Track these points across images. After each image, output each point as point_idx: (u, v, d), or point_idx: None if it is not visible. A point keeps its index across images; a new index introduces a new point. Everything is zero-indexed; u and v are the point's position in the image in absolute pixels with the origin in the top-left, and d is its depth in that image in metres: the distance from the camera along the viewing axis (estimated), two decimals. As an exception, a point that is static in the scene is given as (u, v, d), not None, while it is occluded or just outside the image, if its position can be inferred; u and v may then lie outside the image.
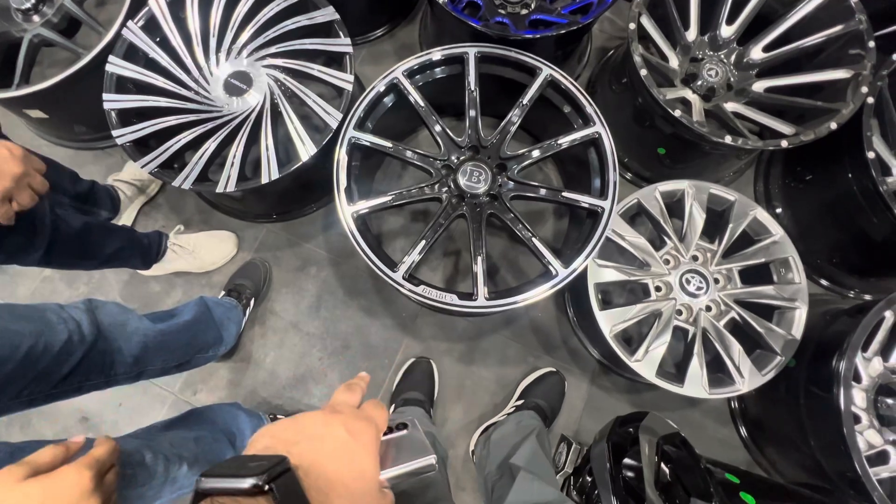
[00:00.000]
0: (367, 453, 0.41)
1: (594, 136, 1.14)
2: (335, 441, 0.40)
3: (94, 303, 0.84)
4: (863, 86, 1.14)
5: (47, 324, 0.71)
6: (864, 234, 1.27)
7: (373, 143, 1.15)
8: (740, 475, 0.78)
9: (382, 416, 0.46)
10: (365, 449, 0.41)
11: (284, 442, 0.39)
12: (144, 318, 0.93)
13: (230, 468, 0.36)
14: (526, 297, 1.06)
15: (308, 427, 0.41)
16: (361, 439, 0.41)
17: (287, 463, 0.36)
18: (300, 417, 0.42)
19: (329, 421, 0.41)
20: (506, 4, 1.41)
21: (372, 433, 0.43)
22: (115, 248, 1.20)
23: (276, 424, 0.41)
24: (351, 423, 0.42)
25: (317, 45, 1.24)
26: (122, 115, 1.22)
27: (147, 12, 1.26)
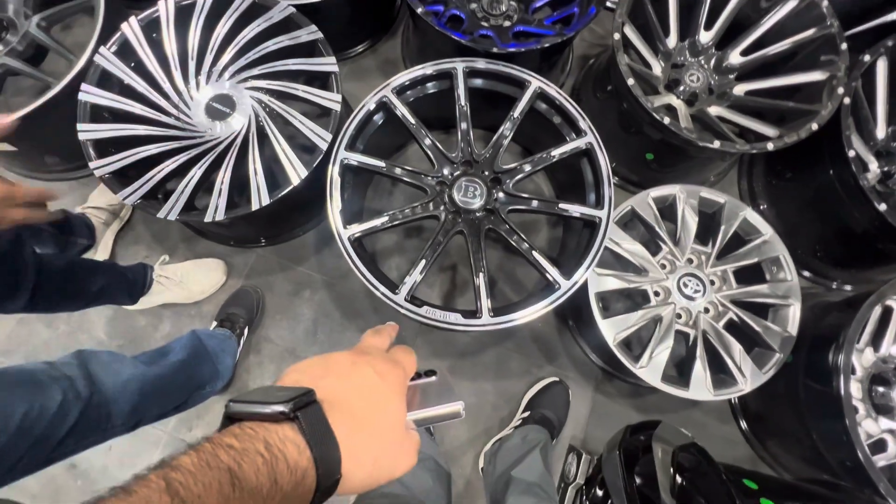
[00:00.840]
0: (393, 393, 0.41)
1: (586, 147, 1.15)
2: (362, 379, 0.41)
3: (84, 354, 0.79)
4: (839, 87, 1.18)
5: (39, 386, 0.67)
6: (846, 227, 1.31)
7: (366, 164, 1.13)
8: (757, 480, 0.79)
9: (411, 361, 0.46)
10: (391, 389, 0.41)
11: (312, 377, 0.40)
12: (138, 363, 0.89)
13: (258, 395, 0.36)
14: (530, 311, 1.05)
15: (336, 365, 0.41)
16: (388, 380, 0.42)
17: (313, 395, 0.37)
18: (329, 356, 0.43)
19: (357, 361, 0.42)
20: (488, 17, 1.41)
21: (399, 375, 0.43)
22: (100, 285, 1.15)
23: (305, 361, 0.42)
24: (379, 364, 0.42)
25: (302, 65, 1.21)
26: (98, 146, 1.16)
27: (120, 37, 1.21)
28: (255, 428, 0.34)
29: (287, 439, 0.34)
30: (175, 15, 1.23)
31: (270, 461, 0.32)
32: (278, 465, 0.32)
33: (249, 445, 0.33)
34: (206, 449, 0.32)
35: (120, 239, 1.46)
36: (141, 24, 1.22)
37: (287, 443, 0.34)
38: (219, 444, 0.32)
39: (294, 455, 0.33)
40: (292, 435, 0.34)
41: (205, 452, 0.32)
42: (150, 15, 1.23)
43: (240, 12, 1.23)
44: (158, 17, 1.23)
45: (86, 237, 1.32)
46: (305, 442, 0.34)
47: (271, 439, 0.33)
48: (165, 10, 1.23)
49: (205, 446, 0.32)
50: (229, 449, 0.32)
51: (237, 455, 0.32)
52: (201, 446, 0.32)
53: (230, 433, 0.33)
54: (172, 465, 0.30)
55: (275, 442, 0.33)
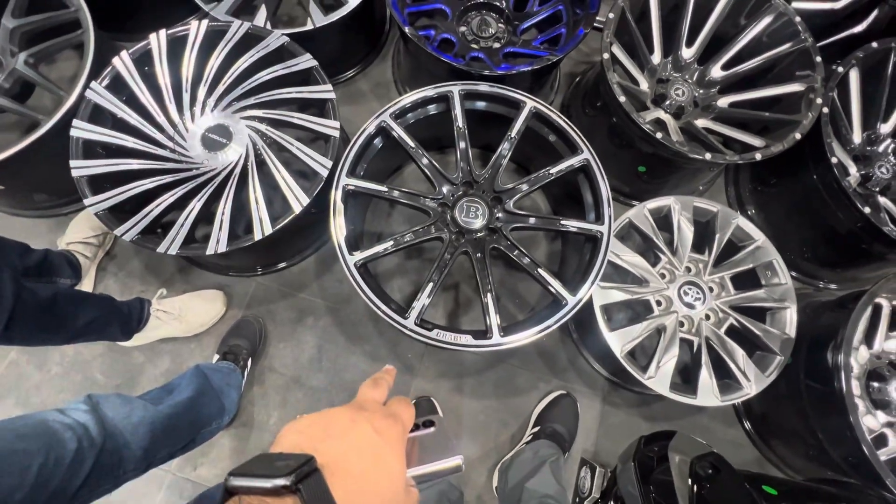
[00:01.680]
0: (393, 452, 0.41)
1: (584, 163, 1.17)
2: (361, 439, 0.40)
3: (94, 399, 0.77)
4: (817, 98, 1.24)
5: (53, 435, 0.64)
6: (831, 229, 1.37)
7: (368, 189, 1.14)
8: (776, 485, 0.80)
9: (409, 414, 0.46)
10: (391, 447, 0.41)
11: (311, 439, 0.39)
12: (148, 404, 0.86)
13: (258, 467, 0.36)
14: (540, 329, 1.06)
15: (334, 424, 0.41)
16: (388, 437, 0.41)
17: (314, 463, 0.36)
18: (326, 414, 0.42)
19: (355, 418, 0.41)
20: (478, 39, 1.44)
21: (398, 431, 0.43)
22: (89, 318, 1.09)
23: (302, 420, 0.41)
24: (377, 421, 0.42)
25: (300, 94, 1.21)
26: (93, 182, 1.14)
27: (111, 71, 1.20)
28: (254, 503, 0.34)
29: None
30: (167, 47, 1.22)
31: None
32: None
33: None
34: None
35: (113, 274, 1.42)
36: (133, 57, 1.21)
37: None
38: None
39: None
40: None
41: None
42: (143, 48, 1.22)
43: (233, 43, 1.24)
44: (150, 51, 1.22)
45: (68, 276, 1.26)
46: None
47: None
48: (157, 43, 1.22)
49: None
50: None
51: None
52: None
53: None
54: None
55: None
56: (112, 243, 1.44)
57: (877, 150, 1.42)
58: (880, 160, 1.40)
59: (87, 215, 1.37)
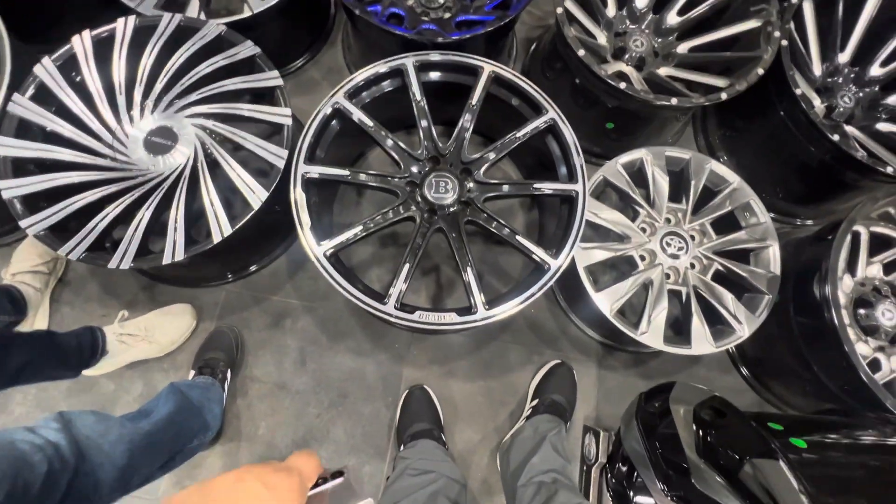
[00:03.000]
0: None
1: (550, 123, 1.13)
2: (249, 497, 0.38)
3: (66, 416, 0.69)
4: (775, 31, 1.22)
5: (21, 457, 0.57)
6: (802, 164, 1.36)
7: (329, 175, 1.07)
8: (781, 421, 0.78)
9: (311, 465, 0.44)
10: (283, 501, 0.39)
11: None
12: (125, 422, 0.79)
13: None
14: (525, 297, 1.02)
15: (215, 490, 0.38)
16: (280, 491, 0.39)
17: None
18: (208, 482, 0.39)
19: (242, 477, 0.39)
20: (428, 11, 1.39)
21: (294, 483, 0.40)
22: (21, 361, 0.97)
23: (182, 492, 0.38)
24: (268, 476, 0.39)
25: (243, 83, 1.14)
26: (27, 202, 1.05)
27: (34, 81, 1.10)
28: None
29: None
30: (93, 50, 1.13)
31: None
32: None
33: None
34: None
35: (68, 303, 1.33)
36: (57, 63, 1.12)
37: None
38: None
39: None
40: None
41: None
42: (66, 53, 1.13)
43: (165, 38, 1.15)
44: (75, 55, 1.13)
45: (8, 313, 1.16)
46: None
47: None
48: (82, 45, 1.13)
49: None
50: None
51: None
52: None
53: None
54: None
55: None
56: (64, 269, 1.34)
57: (837, 80, 1.42)
58: (842, 90, 1.40)
59: (33, 242, 1.28)
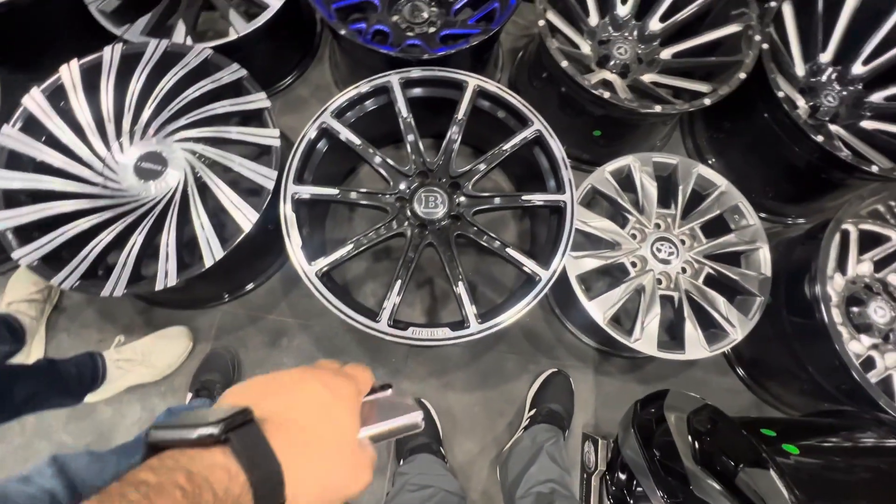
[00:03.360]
0: (344, 408, 0.39)
1: (536, 135, 1.14)
2: (310, 395, 0.38)
3: (60, 460, 0.68)
4: (755, 35, 1.24)
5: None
6: (789, 164, 1.37)
7: (318, 195, 1.08)
8: (774, 426, 0.79)
9: (365, 377, 0.44)
10: (343, 404, 0.39)
11: (252, 397, 0.36)
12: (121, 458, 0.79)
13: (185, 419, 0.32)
14: (517, 309, 1.03)
15: (280, 383, 0.38)
16: (339, 394, 0.39)
17: (249, 414, 0.33)
18: (274, 374, 0.39)
19: (304, 377, 0.39)
20: (412, 26, 1.40)
21: (351, 389, 0.40)
22: (26, 394, 0.98)
23: (245, 382, 0.38)
24: (329, 379, 0.39)
25: (230, 106, 1.15)
26: (20, 233, 1.06)
27: (23, 112, 1.11)
28: (177, 457, 0.30)
29: (216, 465, 0.30)
30: (81, 79, 1.14)
31: (192, 493, 0.28)
32: (202, 495, 0.29)
33: (167, 479, 0.28)
34: (113, 491, 0.27)
35: (65, 330, 1.33)
36: (45, 94, 1.13)
37: (215, 469, 0.30)
38: (129, 483, 0.28)
39: (223, 482, 0.30)
40: (222, 460, 0.31)
41: (110, 495, 0.27)
42: (54, 83, 1.14)
43: (152, 64, 1.16)
44: (63, 84, 1.14)
45: (6, 342, 1.16)
46: (239, 466, 0.31)
47: (195, 468, 0.29)
48: (70, 75, 1.14)
49: (111, 488, 0.28)
50: (141, 486, 0.28)
51: (150, 492, 0.27)
52: (107, 489, 0.28)
53: (147, 467, 0.29)
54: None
55: (199, 471, 0.29)
56: (60, 296, 1.35)
57: (820, 80, 1.43)
58: (825, 89, 1.41)
59: (27, 270, 1.28)
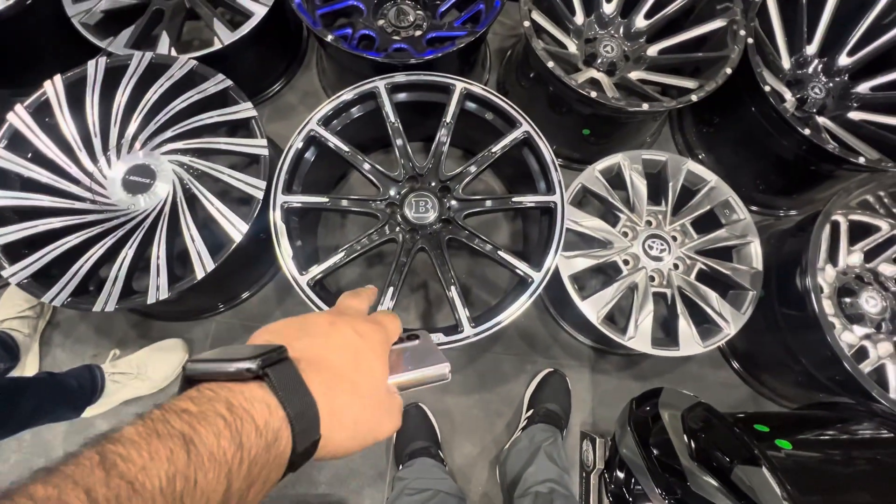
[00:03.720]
0: (375, 354, 0.39)
1: (525, 136, 1.14)
2: (342, 338, 0.38)
3: None
4: (740, 30, 1.24)
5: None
6: (778, 157, 1.38)
7: (308, 203, 1.08)
8: (767, 421, 0.79)
9: (395, 324, 0.44)
10: (373, 349, 0.39)
11: (286, 336, 0.36)
12: None
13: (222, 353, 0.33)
14: (510, 311, 1.03)
15: (313, 325, 0.38)
16: (370, 340, 0.39)
17: (285, 351, 0.33)
18: (304, 316, 0.40)
19: (335, 321, 0.39)
20: (398, 30, 1.40)
21: (381, 335, 0.41)
22: (32, 405, 1.00)
23: (277, 322, 0.38)
24: (359, 325, 0.39)
25: (216, 117, 1.15)
26: (8, 250, 1.05)
27: (8, 129, 1.11)
28: (215, 389, 0.30)
29: (255, 399, 0.30)
30: (66, 93, 1.14)
31: (234, 423, 0.29)
32: (244, 426, 0.29)
33: (208, 408, 0.29)
34: (155, 416, 0.28)
35: (59, 345, 1.32)
36: (29, 110, 1.12)
37: (255, 402, 0.30)
38: (171, 410, 0.28)
39: (264, 415, 0.30)
40: (261, 394, 0.31)
41: (153, 420, 0.27)
42: (38, 98, 1.13)
43: (137, 77, 1.16)
44: (48, 100, 1.13)
45: (2, 360, 1.17)
46: (277, 400, 0.31)
47: (235, 400, 0.30)
48: (54, 90, 1.14)
49: (153, 413, 0.28)
50: (183, 413, 0.28)
51: (193, 419, 0.28)
52: (150, 413, 0.28)
53: (186, 397, 0.30)
54: (112, 438, 0.26)
55: (239, 403, 0.30)
56: (52, 311, 1.34)
57: (807, 72, 1.43)
58: (812, 81, 1.42)
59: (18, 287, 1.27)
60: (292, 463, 0.32)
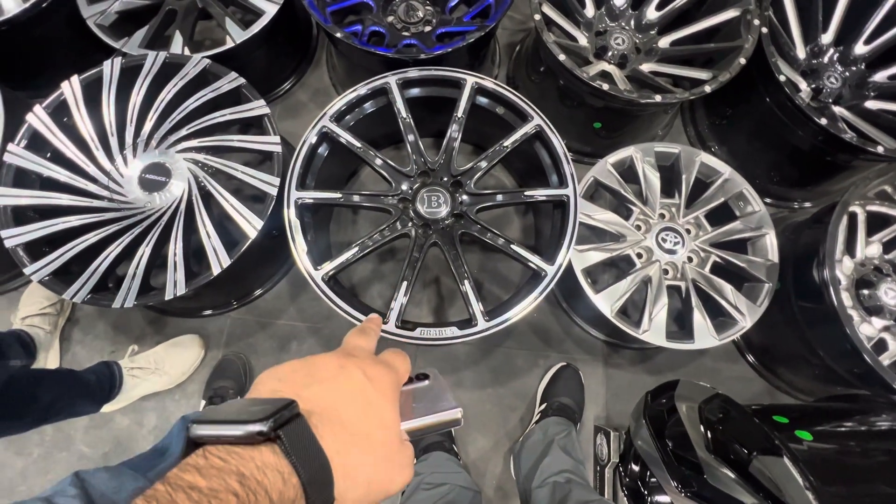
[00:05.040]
0: (386, 400, 0.37)
1: (536, 130, 1.14)
2: (352, 385, 0.36)
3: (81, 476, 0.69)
4: (754, 19, 1.22)
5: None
6: (794, 148, 1.36)
7: (321, 199, 1.09)
8: (786, 413, 0.78)
9: (404, 365, 0.42)
10: (384, 396, 0.37)
11: (293, 385, 0.34)
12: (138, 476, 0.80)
13: (228, 412, 0.30)
14: (524, 305, 1.03)
15: (321, 370, 0.36)
16: (380, 385, 0.37)
17: (296, 407, 0.31)
18: (311, 359, 0.37)
19: (344, 364, 0.37)
20: (408, 26, 1.40)
21: (392, 379, 0.38)
22: (51, 397, 1.01)
23: (283, 366, 0.36)
24: (369, 368, 0.37)
25: (231, 115, 1.16)
26: (30, 248, 1.07)
27: (28, 130, 1.13)
28: (225, 456, 0.28)
29: (267, 467, 0.28)
30: (83, 94, 1.15)
31: (248, 499, 0.26)
32: (259, 502, 0.27)
33: (218, 484, 0.26)
34: (161, 496, 0.25)
35: (79, 342, 1.35)
36: (48, 110, 1.14)
37: (268, 471, 0.28)
38: (178, 487, 0.26)
39: (278, 486, 0.28)
40: (274, 460, 0.29)
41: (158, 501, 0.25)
42: (57, 99, 1.15)
43: (152, 76, 1.17)
44: (65, 100, 1.15)
45: (20, 357, 1.19)
46: (291, 466, 0.29)
47: (247, 470, 0.27)
48: (71, 90, 1.15)
49: (158, 491, 0.25)
50: (192, 491, 0.26)
51: (203, 499, 0.25)
52: (155, 492, 0.25)
53: (193, 468, 0.27)
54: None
55: (252, 473, 0.27)
56: (72, 308, 1.37)
57: (822, 61, 1.41)
58: (827, 71, 1.39)
59: (38, 285, 1.30)
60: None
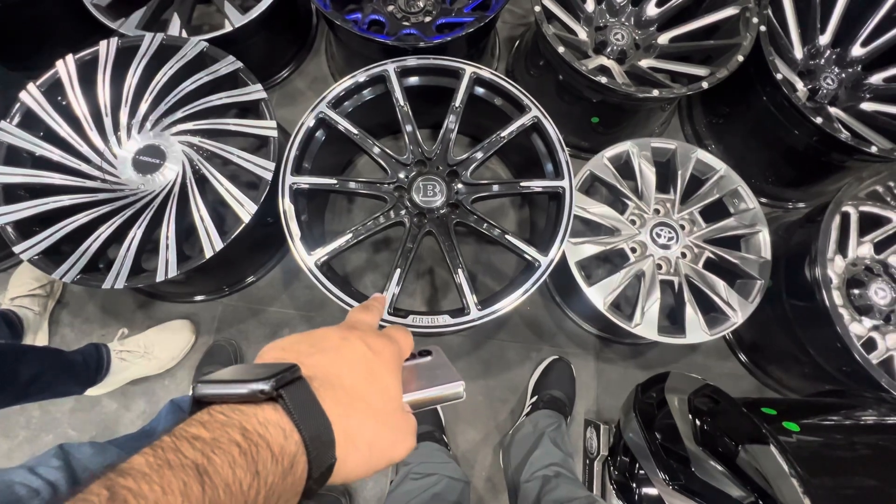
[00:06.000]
0: (388, 370, 0.38)
1: (534, 121, 1.14)
2: (354, 355, 0.36)
3: (65, 449, 0.69)
4: (753, 17, 1.23)
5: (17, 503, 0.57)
6: (789, 147, 1.37)
7: (317, 185, 1.08)
8: (774, 405, 0.79)
9: (407, 340, 0.43)
10: (386, 366, 0.37)
11: (297, 353, 0.35)
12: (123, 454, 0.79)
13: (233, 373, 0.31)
14: (517, 295, 1.03)
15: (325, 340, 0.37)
16: (383, 356, 0.38)
17: (298, 370, 0.32)
18: (315, 331, 0.38)
19: (347, 336, 0.38)
20: (408, 16, 1.39)
21: (394, 351, 0.39)
22: (32, 373, 0.98)
23: (286, 338, 0.37)
24: (371, 340, 0.38)
25: (227, 98, 1.15)
26: (20, 227, 1.06)
27: (20, 107, 1.11)
28: (228, 413, 0.29)
29: (269, 423, 0.29)
30: (78, 73, 1.14)
31: (249, 450, 0.27)
32: (260, 453, 0.28)
33: (222, 434, 0.27)
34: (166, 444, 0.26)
35: (68, 325, 1.34)
36: (41, 89, 1.13)
37: (270, 427, 0.29)
38: (182, 437, 0.27)
39: (279, 440, 0.29)
40: (276, 417, 0.30)
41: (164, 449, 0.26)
42: (51, 78, 1.14)
43: (148, 58, 1.16)
44: (60, 79, 1.14)
45: (5, 336, 1.17)
46: (292, 424, 0.30)
47: (249, 424, 0.28)
48: (66, 69, 1.14)
49: (164, 441, 0.26)
50: (196, 441, 0.27)
51: (206, 447, 0.26)
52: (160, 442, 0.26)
53: (197, 422, 0.28)
54: (121, 470, 0.24)
55: (254, 427, 0.28)
56: (62, 290, 1.35)
57: (819, 62, 1.42)
58: (824, 72, 1.40)
59: (28, 266, 1.29)
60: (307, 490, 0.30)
